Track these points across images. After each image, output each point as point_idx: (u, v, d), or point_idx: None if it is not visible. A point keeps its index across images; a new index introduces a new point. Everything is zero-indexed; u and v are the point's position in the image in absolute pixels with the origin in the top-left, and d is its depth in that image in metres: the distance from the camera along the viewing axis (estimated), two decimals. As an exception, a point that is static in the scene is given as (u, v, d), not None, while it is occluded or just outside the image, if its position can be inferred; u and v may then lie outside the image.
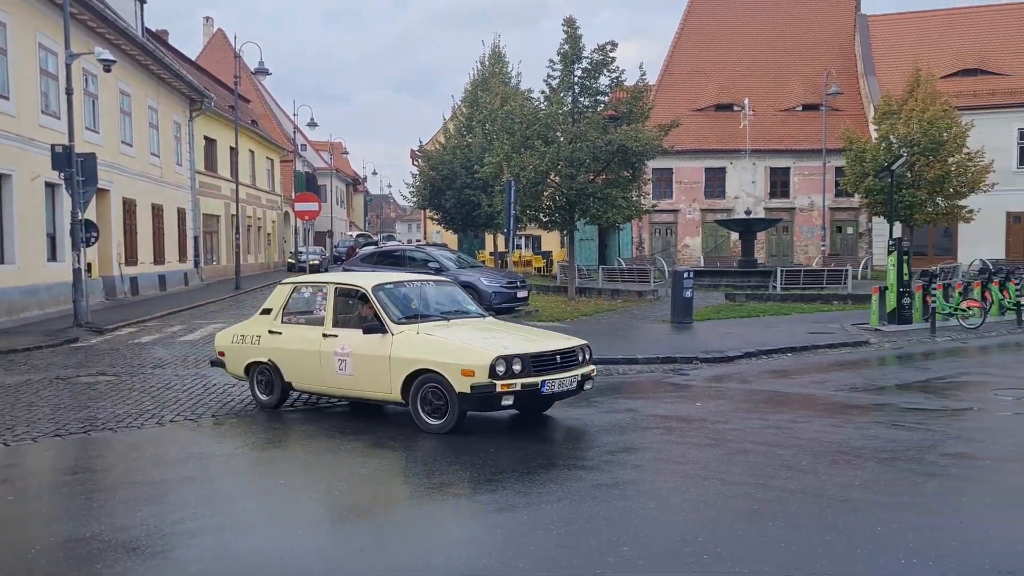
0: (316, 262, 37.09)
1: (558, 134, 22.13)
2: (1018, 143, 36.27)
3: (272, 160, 46.77)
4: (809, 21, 45.29)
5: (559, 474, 6.83)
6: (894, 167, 20.97)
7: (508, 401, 7.76)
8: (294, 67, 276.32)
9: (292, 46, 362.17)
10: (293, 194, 44.49)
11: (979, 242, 34.79)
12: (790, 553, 4.91)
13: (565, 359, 8.21)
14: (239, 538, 5.45)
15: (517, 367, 7.72)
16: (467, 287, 18.55)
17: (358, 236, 57.73)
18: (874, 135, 31.64)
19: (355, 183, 79.35)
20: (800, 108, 40.70)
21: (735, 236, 34.96)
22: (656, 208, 33.19)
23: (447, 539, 5.49)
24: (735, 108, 39.35)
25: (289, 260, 43.86)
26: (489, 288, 18.53)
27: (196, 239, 32.50)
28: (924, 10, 44.56)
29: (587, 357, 8.54)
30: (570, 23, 22.04)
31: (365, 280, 9.17)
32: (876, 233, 36.89)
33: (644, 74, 23.01)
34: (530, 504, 6.04)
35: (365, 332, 8.41)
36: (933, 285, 17.05)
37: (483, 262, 31.48)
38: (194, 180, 32.35)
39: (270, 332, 9.38)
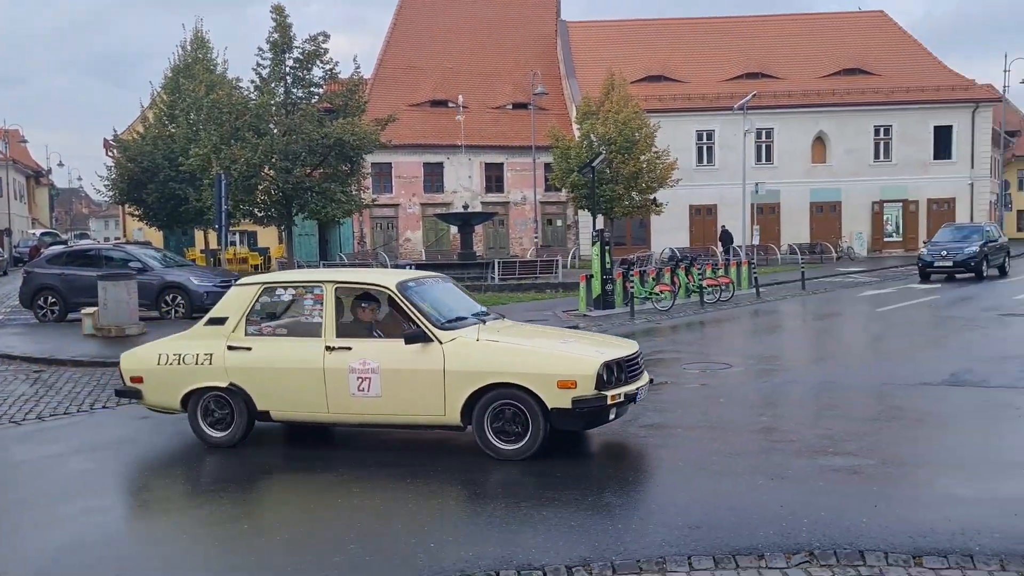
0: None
1: (271, 126, 21.34)
2: (696, 143, 40.86)
3: (-69, 149, 40.42)
4: (515, 24, 47.66)
5: (281, 478, 6.55)
6: (594, 164, 22.59)
7: (613, 415, 6.69)
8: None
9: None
10: (-40, 188, 38.74)
11: (668, 232, 38.80)
12: (509, 532, 5.12)
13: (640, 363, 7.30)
14: None
15: (616, 374, 6.67)
16: (175, 288, 17.42)
17: (43, 235, 51.52)
18: (577, 134, 33.99)
19: (38, 175, 70.80)
20: (510, 106, 42.66)
21: (455, 229, 35.89)
22: (376, 202, 33.22)
23: (147, 556, 5.01)
24: (450, 104, 40.39)
25: (-43, 263, 38.15)
26: (200, 288, 17.36)
27: None
28: (617, 20, 48.74)
29: None
30: (279, 11, 21.32)
31: (382, 277, 7.54)
32: (582, 225, 39.71)
33: (359, 67, 22.96)
34: (250, 513, 5.76)
35: (408, 341, 6.76)
36: (631, 272, 18.68)
37: (193, 261, 29.52)
38: None
39: (231, 348, 7.26)
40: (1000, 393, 8.92)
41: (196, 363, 7.31)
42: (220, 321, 7.44)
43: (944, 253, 24.64)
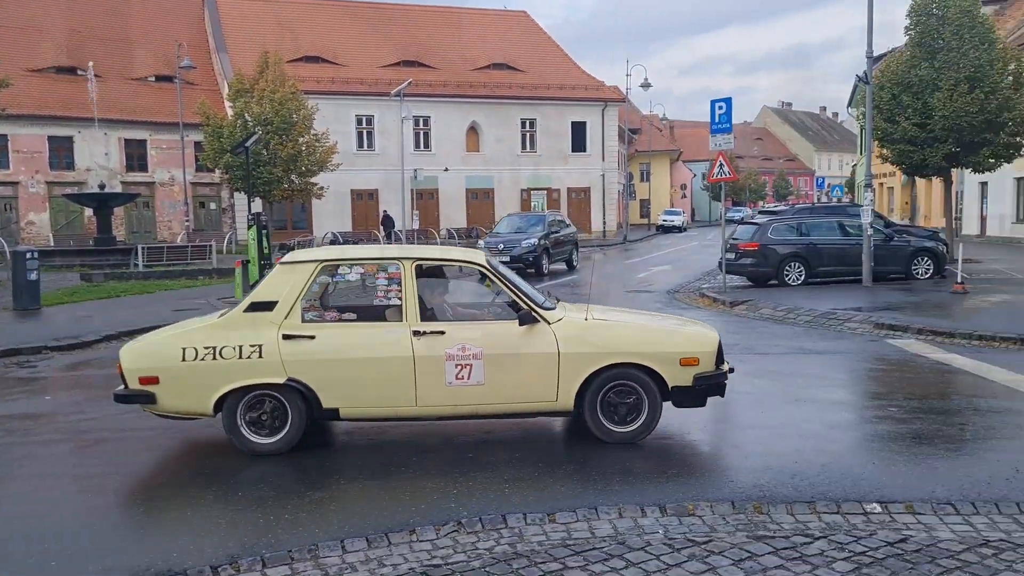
0: None
1: None
2: (356, 128, 40.88)
3: None
4: (158, -11, 44.02)
5: None
6: (248, 144, 21.59)
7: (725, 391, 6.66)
8: None
9: None
10: None
11: (331, 216, 38.50)
12: (151, 537, 4.77)
13: None
14: None
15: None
16: None
17: None
18: (230, 112, 32.30)
19: None
20: (153, 79, 39.37)
21: (90, 212, 32.38)
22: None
23: None
24: (79, 72, 36.18)
25: None
26: None
27: None
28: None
29: None
30: None
31: (468, 253, 6.90)
32: (238, 208, 37.94)
33: (-39, 21, 19.60)
34: None
35: (522, 322, 6.21)
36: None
37: None
38: None
39: (286, 337, 6.10)
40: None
41: (240, 356, 6.10)
42: (267, 306, 6.23)
43: (501, 247, 22.08)
